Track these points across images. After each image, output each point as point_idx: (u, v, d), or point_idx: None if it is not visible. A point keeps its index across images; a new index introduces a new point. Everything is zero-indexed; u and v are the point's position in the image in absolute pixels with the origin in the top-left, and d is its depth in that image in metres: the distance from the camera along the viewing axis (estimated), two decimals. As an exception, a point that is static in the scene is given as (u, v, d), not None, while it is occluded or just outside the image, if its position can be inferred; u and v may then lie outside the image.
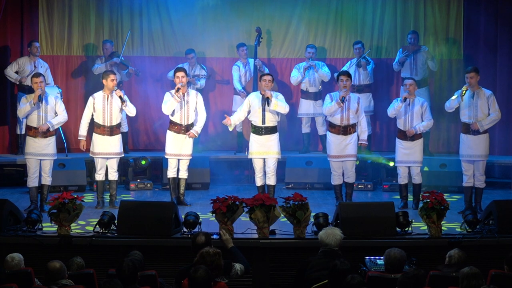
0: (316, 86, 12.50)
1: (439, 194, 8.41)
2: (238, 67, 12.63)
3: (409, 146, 10.32)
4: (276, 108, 10.15)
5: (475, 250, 8.11)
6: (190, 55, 12.50)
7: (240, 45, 12.67)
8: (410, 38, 12.44)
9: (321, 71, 12.38)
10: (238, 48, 12.66)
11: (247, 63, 12.64)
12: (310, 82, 12.47)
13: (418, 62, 12.39)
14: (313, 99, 12.51)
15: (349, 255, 7.43)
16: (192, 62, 12.51)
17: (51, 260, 6.49)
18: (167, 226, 8.36)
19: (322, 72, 12.38)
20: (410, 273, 5.92)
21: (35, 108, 9.99)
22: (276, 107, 10.13)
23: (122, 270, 6.11)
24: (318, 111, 12.44)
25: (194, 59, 12.51)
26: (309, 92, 12.52)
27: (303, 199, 8.36)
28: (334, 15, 13.16)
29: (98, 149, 10.33)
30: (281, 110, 10.21)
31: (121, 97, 10.21)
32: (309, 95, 12.53)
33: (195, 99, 10.46)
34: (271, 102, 10.10)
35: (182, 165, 10.49)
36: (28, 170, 10.11)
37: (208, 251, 6.20)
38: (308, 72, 12.42)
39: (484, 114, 9.99)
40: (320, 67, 12.40)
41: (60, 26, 12.96)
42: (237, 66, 12.65)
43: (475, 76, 9.99)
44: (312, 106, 12.51)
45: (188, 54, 12.52)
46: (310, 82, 12.47)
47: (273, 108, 10.13)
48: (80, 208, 8.47)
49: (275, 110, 10.17)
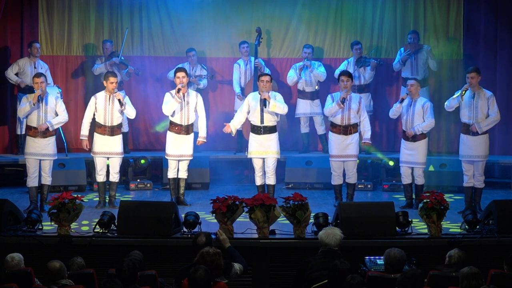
0: (312, 86, 12.50)
1: (439, 194, 8.41)
2: (238, 65, 12.63)
3: (412, 147, 10.31)
4: (274, 110, 10.14)
5: (475, 250, 8.10)
6: (191, 53, 12.51)
7: (242, 42, 12.67)
8: (410, 38, 12.44)
9: (316, 71, 12.37)
10: (240, 46, 12.67)
11: (249, 61, 12.64)
12: (307, 81, 12.48)
13: (419, 62, 12.39)
14: (310, 99, 12.51)
15: (349, 255, 7.44)
16: (192, 61, 12.51)
17: (51, 260, 6.49)
18: (167, 226, 8.35)
19: (317, 72, 12.37)
20: (409, 273, 5.92)
21: (35, 108, 9.99)
22: (274, 108, 10.13)
23: (122, 270, 6.12)
24: (315, 110, 12.45)
25: (195, 58, 12.51)
26: (306, 91, 12.52)
27: (303, 199, 8.35)
28: (334, 15, 13.16)
29: (98, 148, 10.33)
30: (279, 111, 10.21)
31: (120, 100, 10.21)
32: (305, 95, 12.54)
33: (195, 100, 10.45)
34: (269, 104, 10.09)
35: (182, 165, 10.49)
36: (28, 170, 10.11)
37: (208, 251, 6.21)
38: (304, 72, 12.42)
39: (484, 115, 9.98)
40: (315, 67, 12.39)
41: (60, 26, 12.97)
42: (237, 64, 12.65)
43: (476, 76, 9.99)
44: (309, 106, 12.50)
45: (189, 52, 12.52)
46: (306, 81, 12.47)
47: (271, 109, 10.13)
48: (80, 208, 8.47)
49: (273, 111, 10.17)
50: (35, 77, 10.12)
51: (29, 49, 12.25)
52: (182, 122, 10.38)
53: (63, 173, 11.43)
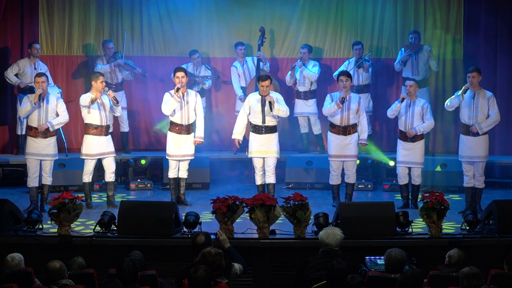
0: (305, 86, 12.49)
1: (439, 194, 8.41)
2: (235, 68, 12.63)
3: (410, 147, 10.31)
4: (278, 113, 10.17)
5: (475, 250, 8.10)
6: (194, 56, 12.51)
7: (238, 44, 12.67)
8: (411, 38, 12.44)
9: (306, 71, 12.34)
10: (236, 47, 12.66)
11: (245, 62, 12.64)
12: (299, 81, 12.50)
13: (420, 62, 12.39)
14: (303, 98, 12.52)
15: (349, 255, 7.44)
16: (196, 63, 12.52)
17: (51, 260, 6.49)
18: (167, 226, 8.36)
19: (307, 72, 12.33)
20: (409, 273, 5.92)
21: (36, 107, 9.99)
22: (278, 112, 10.16)
23: (123, 270, 6.11)
24: (309, 110, 12.46)
25: (199, 60, 12.53)
26: (299, 91, 12.54)
27: (303, 199, 8.36)
28: (335, 15, 13.16)
29: (93, 150, 10.27)
30: (282, 115, 10.26)
31: (115, 97, 10.25)
32: (299, 95, 12.56)
33: (195, 99, 10.45)
34: (274, 107, 10.11)
35: (183, 165, 10.49)
36: (28, 170, 10.10)
37: (210, 251, 6.20)
38: (296, 72, 12.42)
39: (484, 115, 9.98)
40: (307, 67, 12.36)
41: (60, 26, 12.97)
42: (234, 67, 12.64)
43: (477, 76, 9.99)
44: (303, 105, 12.50)
45: (193, 55, 12.52)
46: (299, 81, 12.50)
47: (275, 113, 10.15)
48: (80, 208, 8.47)
49: (277, 115, 10.18)
50: (37, 77, 10.13)
51: (29, 50, 12.26)
52: (183, 122, 10.38)
53: (63, 173, 11.43)
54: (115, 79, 12.48)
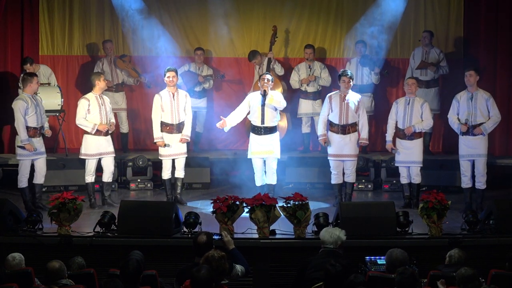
0: (314, 86, 12.50)
1: (439, 194, 8.41)
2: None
3: (408, 146, 10.30)
4: (272, 102, 10.18)
5: (475, 250, 8.11)
6: (198, 52, 12.57)
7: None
8: (424, 38, 12.36)
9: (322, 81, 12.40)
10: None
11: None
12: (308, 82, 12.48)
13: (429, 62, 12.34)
14: (312, 99, 12.50)
15: (349, 255, 7.43)
16: (199, 60, 12.53)
17: (51, 260, 6.49)
18: (167, 226, 8.36)
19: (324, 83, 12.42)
20: (407, 272, 5.90)
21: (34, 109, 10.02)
22: (272, 101, 10.17)
23: (127, 267, 6.07)
24: (317, 110, 12.45)
25: (202, 57, 12.57)
26: (308, 92, 12.52)
27: (303, 199, 8.36)
28: (334, 15, 13.15)
29: (93, 150, 10.28)
30: (276, 104, 10.23)
31: None
32: (308, 95, 12.53)
33: (185, 100, 10.48)
34: (267, 96, 10.12)
35: (179, 164, 10.50)
36: (22, 171, 10.06)
37: (214, 255, 6.11)
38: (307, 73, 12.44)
39: (483, 115, 9.99)
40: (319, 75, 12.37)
41: (60, 26, 12.97)
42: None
43: (474, 75, 10.00)
44: (311, 106, 12.50)
45: (197, 51, 12.58)
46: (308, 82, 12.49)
47: (268, 101, 10.17)
48: (81, 208, 8.47)
49: (270, 104, 10.18)
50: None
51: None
52: (173, 121, 10.42)
53: (63, 173, 11.43)
54: (115, 80, 12.48)
